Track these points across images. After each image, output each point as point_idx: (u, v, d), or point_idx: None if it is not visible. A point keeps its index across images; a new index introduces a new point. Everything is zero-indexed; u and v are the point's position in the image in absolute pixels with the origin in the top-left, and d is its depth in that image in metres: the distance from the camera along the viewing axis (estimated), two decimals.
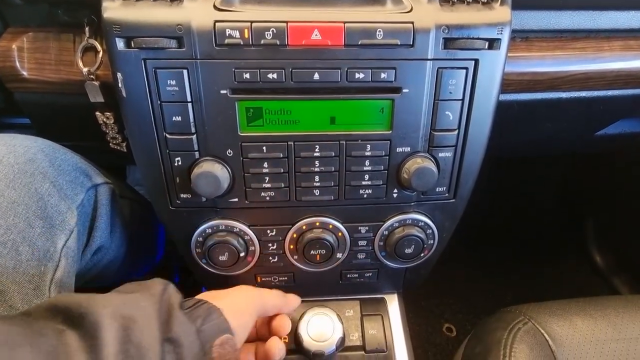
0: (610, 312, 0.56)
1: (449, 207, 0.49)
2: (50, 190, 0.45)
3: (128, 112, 0.41)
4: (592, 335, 0.53)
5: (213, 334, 0.35)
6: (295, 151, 0.43)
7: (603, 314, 0.56)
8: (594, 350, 0.52)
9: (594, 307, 0.57)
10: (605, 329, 0.54)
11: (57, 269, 0.43)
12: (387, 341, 0.51)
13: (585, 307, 0.57)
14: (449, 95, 0.42)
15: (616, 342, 0.52)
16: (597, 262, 1.22)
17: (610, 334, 0.53)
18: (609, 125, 0.68)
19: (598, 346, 0.52)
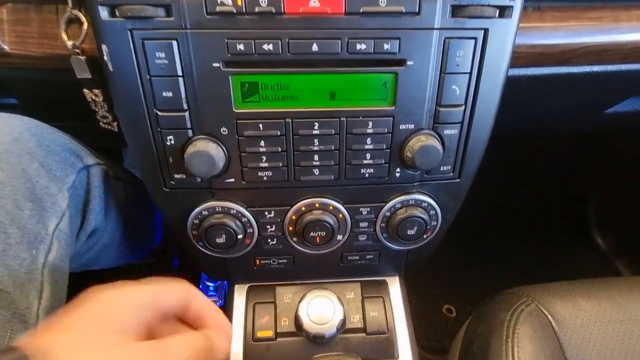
0: (615, 294, 0.55)
1: (454, 187, 0.47)
2: (39, 171, 0.43)
3: (116, 87, 0.39)
4: (596, 317, 0.52)
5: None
6: (294, 129, 0.41)
7: (607, 295, 0.55)
8: (598, 331, 0.51)
9: (598, 288, 0.56)
10: (609, 310, 0.53)
11: (49, 252, 0.42)
12: (389, 323, 0.50)
13: (589, 289, 0.56)
14: (456, 68, 0.40)
15: (620, 323, 0.52)
16: (599, 244, 1.21)
17: (615, 315, 0.52)
18: (619, 103, 0.66)
19: (602, 327, 0.51)
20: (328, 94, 0.40)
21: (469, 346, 0.53)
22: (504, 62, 0.41)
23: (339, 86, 0.39)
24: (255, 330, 0.49)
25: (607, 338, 0.51)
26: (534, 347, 0.47)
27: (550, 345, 0.49)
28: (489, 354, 0.48)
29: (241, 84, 0.38)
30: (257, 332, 0.49)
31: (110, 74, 0.38)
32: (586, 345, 0.50)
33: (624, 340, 0.51)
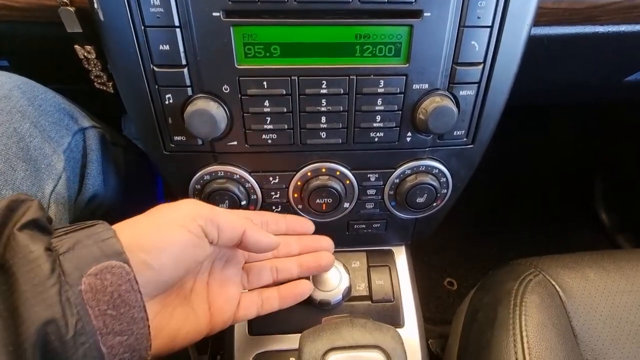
0: (624, 265, 0.54)
1: (467, 154, 0.45)
2: (32, 130, 0.41)
3: (109, 40, 0.36)
4: (604, 287, 0.52)
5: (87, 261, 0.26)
6: (300, 87, 0.38)
7: (617, 266, 0.54)
8: (605, 302, 0.51)
9: (607, 259, 0.55)
10: (618, 280, 0.52)
11: None
12: (395, 291, 0.50)
13: (599, 260, 0.55)
14: (477, 21, 0.36)
15: (628, 294, 0.51)
16: (603, 219, 1.21)
17: (623, 286, 0.52)
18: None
19: (610, 297, 0.51)
20: (337, 49, 0.37)
21: (474, 315, 0.53)
22: (529, 16, 0.38)
23: (349, 40, 0.36)
24: None
25: (614, 308, 0.51)
26: (541, 316, 0.47)
27: (558, 314, 0.48)
28: (495, 322, 0.47)
29: (243, 36, 0.35)
30: None
31: (102, 24, 0.35)
32: (592, 314, 0.50)
33: (631, 311, 0.50)
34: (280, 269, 0.42)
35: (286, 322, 0.47)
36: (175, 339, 0.34)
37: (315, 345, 0.27)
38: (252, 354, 0.46)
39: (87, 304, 0.26)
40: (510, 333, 0.45)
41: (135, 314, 0.28)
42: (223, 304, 0.38)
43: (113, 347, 0.27)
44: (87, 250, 0.27)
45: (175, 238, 0.31)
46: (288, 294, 0.41)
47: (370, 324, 0.30)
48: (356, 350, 0.27)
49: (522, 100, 0.48)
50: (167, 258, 0.30)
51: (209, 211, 0.34)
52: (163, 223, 0.31)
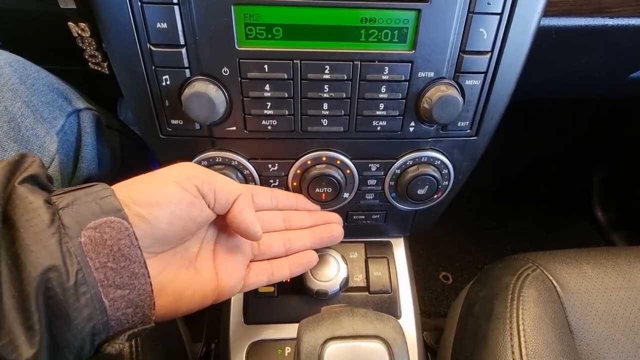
0: (622, 262, 0.54)
1: (470, 145, 0.44)
2: (24, 110, 0.40)
3: (103, 16, 0.34)
4: (601, 283, 0.52)
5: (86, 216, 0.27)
6: (302, 72, 0.37)
7: (614, 263, 0.54)
8: (602, 298, 0.51)
9: (604, 256, 0.55)
10: (615, 277, 0.52)
11: None
12: (392, 283, 0.50)
13: (596, 256, 0.55)
14: (487, 7, 0.35)
15: (625, 290, 0.51)
16: (598, 216, 1.21)
17: (620, 283, 0.52)
18: None
19: (606, 293, 0.51)
20: (342, 32, 0.36)
21: (471, 308, 0.53)
22: (540, 4, 0.37)
23: (354, 24, 0.35)
24: None
25: (610, 304, 0.51)
26: (539, 311, 0.46)
27: (554, 309, 0.48)
28: (492, 315, 0.47)
29: (245, 16, 0.34)
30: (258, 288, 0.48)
31: (96, 0, 0.33)
32: (589, 310, 0.50)
33: (627, 307, 0.51)
34: (293, 239, 0.42)
35: (282, 311, 0.47)
36: (179, 301, 0.33)
37: (314, 334, 0.27)
38: (247, 342, 0.46)
39: (87, 256, 0.26)
40: (507, 327, 0.45)
41: (136, 269, 0.28)
42: (230, 270, 0.37)
43: (115, 300, 0.27)
44: (86, 206, 0.27)
45: (169, 193, 0.31)
46: (297, 261, 0.41)
47: (371, 314, 0.30)
48: (356, 340, 0.26)
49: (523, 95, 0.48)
50: (161, 212, 0.30)
51: (204, 173, 0.34)
52: (158, 180, 0.32)
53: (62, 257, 0.25)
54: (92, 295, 0.26)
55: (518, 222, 1.20)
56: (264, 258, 0.41)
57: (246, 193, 0.36)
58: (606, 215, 1.21)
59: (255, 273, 0.39)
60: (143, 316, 0.29)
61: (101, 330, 0.27)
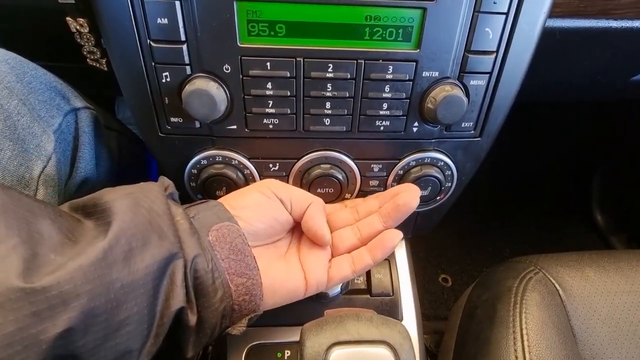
0: (624, 265, 0.54)
1: (473, 147, 0.44)
2: (20, 108, 0.39)
3: (102, 11, 0.33)
4: (604, 287, 0.51)
5: (210, 223, 0.35)
6: (305, 70, 0.36)
7: (616, 266, 0.54)
8: (605, 301, 0.50)
9: (607, 259, 0.55)
10: (617, 280, 0.52)
11: None
12: (394, 286, 0.49)
13: (598, 260, 0.55)
14: (493, 7, 0.35)
15: (628, 294, 0.51)
16: (598, 220, 1.21)
17: (623, 286, 0.51)
18: None
19: (609, 297, 0.50)
20: (345, 30, 0.35)
21: (473, 312, 0.52)
22: (546, 4, 0.36)
23: (358, 22, 0.35)
24: None
25: (613, 308, 0.50)
26: (542, 315, 0.46)
27: (557, 313, 0.48)
28: (495, 319, 0.46)
29: (247, 12, 0.33)
30: None
31: None
32: (592, 314, 0.49)
33: (630, 311, 0.50)
34: (362, 226, 0.42)
35: (282, 313, 0.46)
36: (275, 292, 0.38)
37: (318, 339, 0.26)
38: (245, 346, 0.45)
39: (215, 249, 0.33)
40: (510, 331, 0.44)
41: (249, 261, 0.35)
42: (313, 264, 0.40)
43: (237, 286, 0.34)
44: (208, 215, 0.35)
45: (254, 198, 0.39)
46: (377, 245, 0.41)
47: (377, 318, 0.29)
48: (362, 345, 0.26)
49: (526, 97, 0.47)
50: (250, 212, 0.38)
51: (282, 184, 0.41)
52: (245, 191, 0.40)
53: (202, 249, 0.32)
54: (222, 280, 0.33)
55: (517, 224, 1.20)
56: (342, 252, 0.42)
57: (318, 202, 0.42)
58: (605, 218, 1.21)
59: (337, 266, 0.41)
60: (254, 305, 0.35)
61: (228, 312, 0.34)
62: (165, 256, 0.29)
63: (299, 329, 0.32)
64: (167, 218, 0.31)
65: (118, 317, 0.27)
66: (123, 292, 0.27)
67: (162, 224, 0.31)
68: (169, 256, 0.30)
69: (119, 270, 0.27)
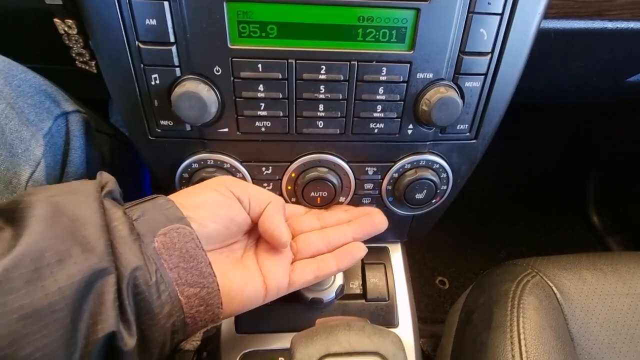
0: (621, 267, 0.53)
1: (469, 149, 0.43)
2: (8, 112, 0.38)
3: (90, 12, 0.33)
4: (601, 290, 0.51)
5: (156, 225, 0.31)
6: (297, 71, 0.36)
7: (613, 268, 0.53)
8: (602, 304, 0.50)
9: (604, 261, 0.54)
10: (615, 283, 0.51)
11: None
12: (390, 290, 0.48)
13: (595, 262, 0.54)
14: (487, 7, 0.34)
15: (625, 297, 0.50)
16: (594, 221, 1.21)
17: (620, 289, 0.51)
18: None
19: (607, 300, 0.50)
20: (338, 31, 0.34)
21: (469, 315, 0.52)
22: (541, 5, 0.36)
23: (351, 23, 0.34)
24: None
25: (611, 311, 0.50)
26: (539, 318, 0.45)
27: (555, 316, 0.47)
28: (492, 323, 0.46)
29: (238, 13, 0.33)
30: None
31: None
32: (590, 318, 0.49)
33: (628, 314, 0.50)
34: (332, 234, 0.41)
35: (276, 320, 0.45)
36: (233, 300, 0.35)
37: (308, 350, 0.25)
38: (239, 353, 0.44)
39: (162, 258, 0.30)
40: (508, 335, 0.44)
41: (203, 268, 0.31)
42: (274, 267, 0.38)
43: (189, 297, 0.30)
44: (154, 217, 0.31)
45: (210, 197, 0.35)
46: (343, 254, 0.40)
47: (369, 328, 0.28)
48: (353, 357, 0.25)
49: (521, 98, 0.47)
50: (204, 211, 0.34)
51: (239, 181, 0.38)
52: (198, 188, 0.37)
53: (144, 259, 0.28)
54: (170, 292, 0.29)
55: (513, 226, 1.20)
56: (306, 256, 0.40)
57: (277, 201, 0.39)
58: (602, 220, 1.21)
59: (300, 269, 0.39)
60: (213, 314, 0.32)
61: (179, 327, 0.30)
62: (88, 273, 0.25)
63: (292, 335, 0.32)
64: (96, 225, 0.27)
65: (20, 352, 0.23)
66: (23, 325, 0.23)
67: (89, 233, 0.26)
68: (94, 273, 0.25)
69: (19, 298, 0.23)
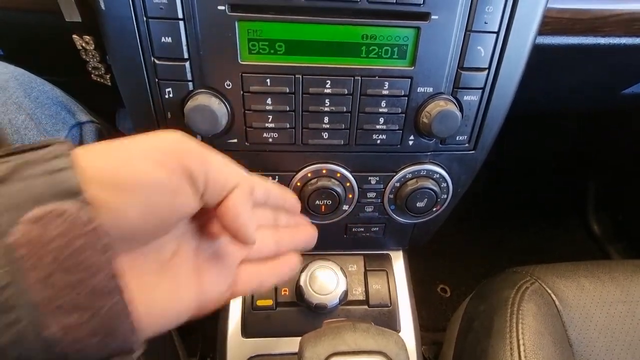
0: (619, 275, 0.54)
1: (468, 159, 0.45)
2: (27, 123, 0.40)
3: (109, 30, 0.35)
4: (600, 297, 0.52)
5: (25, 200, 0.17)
6: (304, 86, 0.38)
7: (611, 276, 0.54)
8: (600, 311, 0.51)
9: (602, 270, 0.55)
10: (613, 291, 0.52)
11: None
12: (392, 297, 0.49)
13: (594, 270, 0.55)
14: (484, 26, 0.36)
15: (623, 304, 0.51)
16: (594, 229, 1.22)
17: (618, 296, 0.52)
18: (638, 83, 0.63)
19: (605, 307, 0.51)
20: (343, 48, 0.36)
21: (470, 323, 0.53)
22: (535, 23, 0.38)
23: (355, 40, 0.36)
24: (255, 299, 0.48)
25: (609, 318, 0.51)
26: (538, 325, 0.46)
27: (554, 323, 0.48)
28: (492, 331, 0.47)
29: (248, 31, 0.35)
30: (256, 300, 0.48)
31: (103, 13, 0.34)
32: (588, 324, 0.50)
33: (626, 321, 0.51)
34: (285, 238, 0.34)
35: (281, 325, 0.46)
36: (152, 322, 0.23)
37: (316, 349, 0.27)
38: (245, 357, 0.45)
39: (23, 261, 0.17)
40: (507, 342, 0.45)
41: (102, 282, 0.18)
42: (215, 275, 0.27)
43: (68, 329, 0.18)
44: (30, 182, 0.17)
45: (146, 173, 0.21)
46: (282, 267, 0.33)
47: (373, 329, 0.29)
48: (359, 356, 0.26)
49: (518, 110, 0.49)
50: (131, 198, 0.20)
51: (197, 148, 0.24)
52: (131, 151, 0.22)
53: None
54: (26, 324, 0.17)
55: (513, 234, 1.21)
56: (254, 258, 0.31)
57: (245, 184, 0.27)
58: (601, 227, 1.21)
59: (245, 277, 0.30)
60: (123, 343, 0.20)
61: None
62: None
63: (297, 339, 0.33)
64: None
65: None
66: None
67: None
68: None
69: None
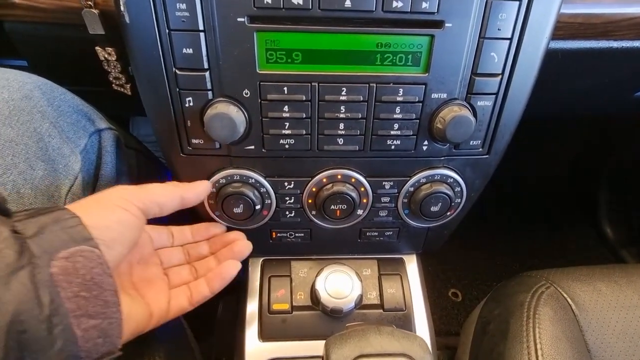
0: (636, 279, 0.54)
1: (482, 164, 0.45)
2: (51, 131, 0.41)
3: (133, 42, 0.36)
4: (617, 301, 0.51)
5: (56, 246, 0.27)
6: (320, 94, 0.38)
7: (629, 280, 0.54)
8: (618, 316, 0.50)
9: (619, 273, 0.55)
10: (630, 295, 0.52)
11: None
12: (406, 301, 0.49)
13: (610, 274, 0.55)
14: (497, 33, 0.37)
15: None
16: (607, 233, 1.20)
17: (636, 301, 0.51)
18: None
19: (622, 312, 0.50)
20: (358, 57, 0.37)
21: (485, 327, 0.52)
22: (547, 30, 0.38)
23: (370, 49, 0.37)
24: (271, 303, 0.48)
25: (627, 323, 0.50)
26: (555, 329, 0.46)
27: (571, 327, 0.48)
28: (508, 334, 0.47)
29: (266, 42, 0.36)
30: (272, 304, 0.48)
31: (127, 26, 0.35)
32: (606, 329, 0.49)
33: None
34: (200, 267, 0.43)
35: (298, 328, 0.47)
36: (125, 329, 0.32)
37: (342, 351, 0.27)
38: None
39: (59, 286, 0.26)
40: (524, 345, 0.44)
41: (108, 297, 0.28)
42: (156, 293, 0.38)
43: (87, 330, 0.27)
44: (55, 235, 0.27)
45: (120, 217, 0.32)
46: (215, 276, 0.41)
47: (398, 332, 0.30)
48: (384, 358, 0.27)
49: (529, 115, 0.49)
50: (115, 234, 0.31)
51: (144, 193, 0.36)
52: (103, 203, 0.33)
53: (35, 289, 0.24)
54: (64, 327, 0.26)
55: (525, 238, 1.20)
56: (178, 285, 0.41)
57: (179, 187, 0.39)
58: (615, 232, 1.20)
59: (175, 297, 0.39)
60: (111, 346, 0.29)
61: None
62: None
63: (316, 342, 0.33)
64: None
65: None
66: None
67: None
68: None
69: None
